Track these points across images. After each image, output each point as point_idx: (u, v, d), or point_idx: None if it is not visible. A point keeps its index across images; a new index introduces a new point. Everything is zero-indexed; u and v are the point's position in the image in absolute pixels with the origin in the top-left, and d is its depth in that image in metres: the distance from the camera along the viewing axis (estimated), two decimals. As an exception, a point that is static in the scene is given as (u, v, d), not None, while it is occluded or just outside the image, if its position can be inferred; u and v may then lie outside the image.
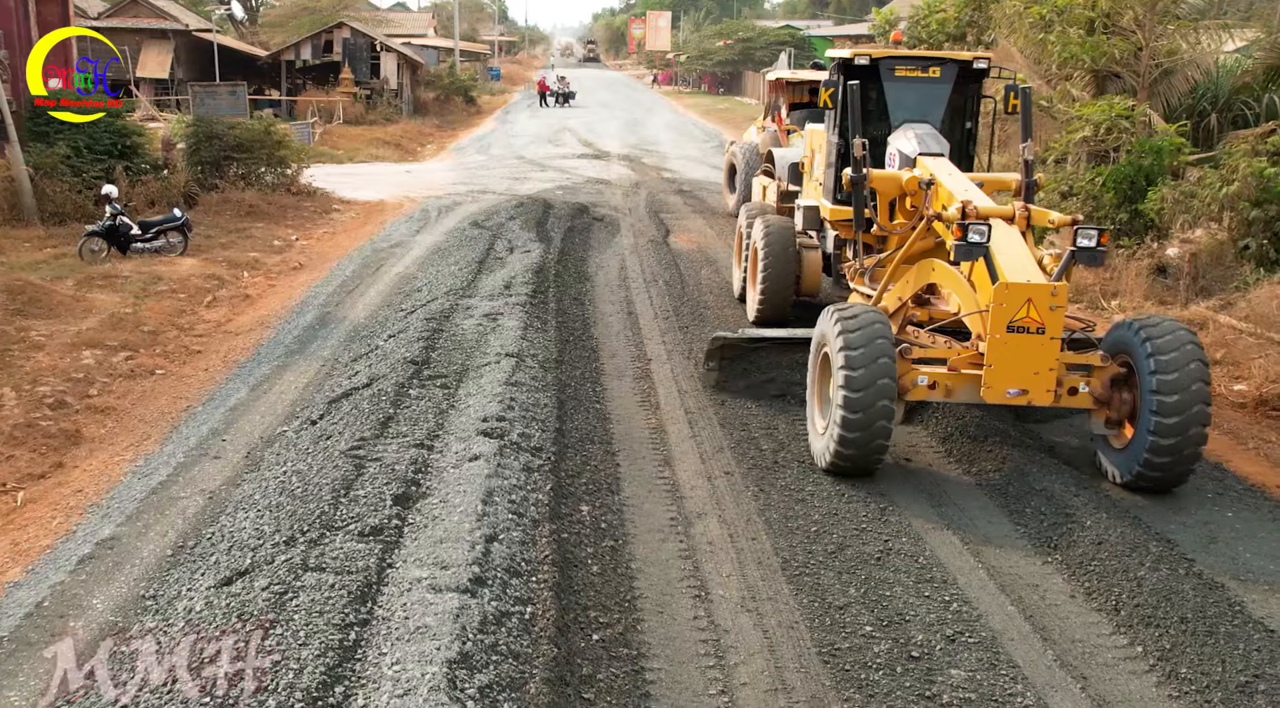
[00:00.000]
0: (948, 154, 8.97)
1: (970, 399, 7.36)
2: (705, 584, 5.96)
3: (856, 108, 9.03)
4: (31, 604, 5.75)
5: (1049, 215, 8.05)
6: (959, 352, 7.63)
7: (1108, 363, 7.38)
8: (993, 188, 8.74)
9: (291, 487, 6.38)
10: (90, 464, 8.45)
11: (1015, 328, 6.93)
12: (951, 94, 9.72)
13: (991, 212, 7.60)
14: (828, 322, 7.45)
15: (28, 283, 13.34)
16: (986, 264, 7.19)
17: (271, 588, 4.96)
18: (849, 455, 7.17)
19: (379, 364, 8.84)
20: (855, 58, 9.72)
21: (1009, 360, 6.98)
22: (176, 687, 4.35)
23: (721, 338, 9.22)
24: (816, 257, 11.05)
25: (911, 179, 8.60)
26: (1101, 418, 7.46)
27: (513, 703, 4.19)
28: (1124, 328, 7.36)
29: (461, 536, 5.42)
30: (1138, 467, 7.10)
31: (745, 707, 4.86)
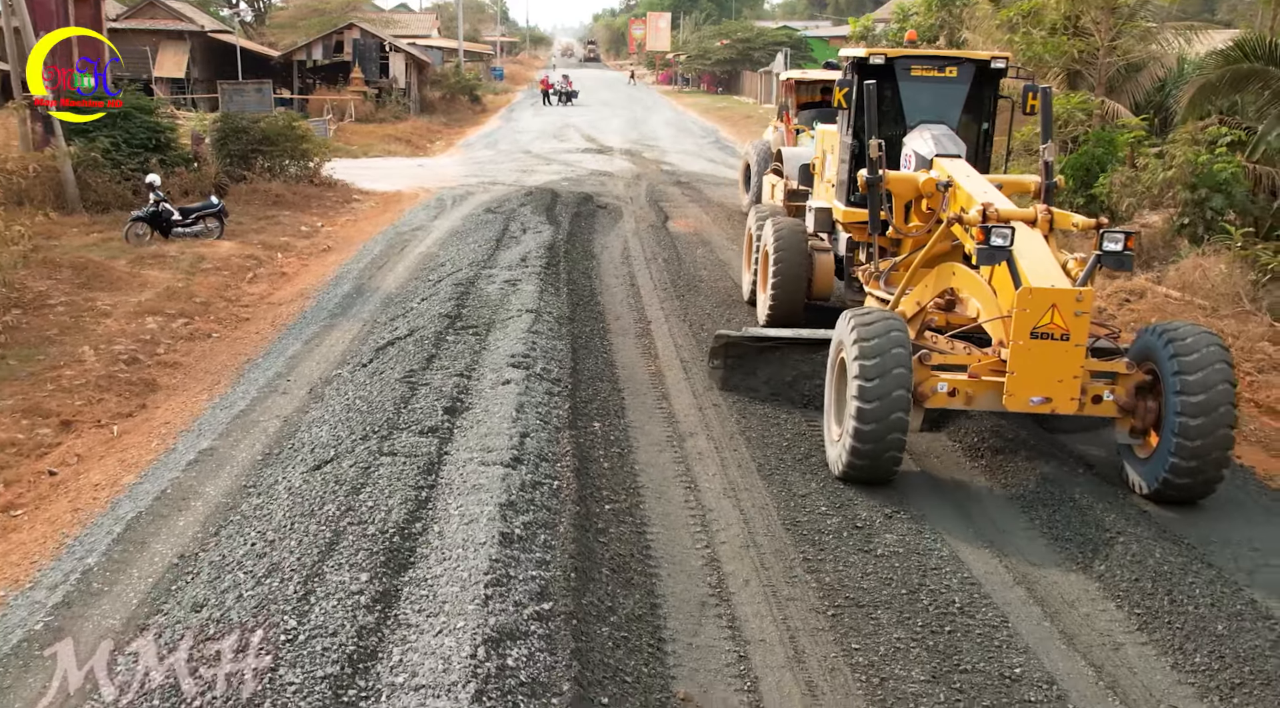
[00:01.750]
0: (964, 155, 8.80)
1: (992, 407, 7.18)
2: (695, 480, 7.40)
3: (872, 108, 8.90)
4: (156, 493, 7.19)
5: (1072, 218, 7.88)
6: (980, 358, 7.35)
7: (1133, 370, 7.17)
8: (1012, 190, 8.55)
9: (358, 406, 7.83)
10: (171, 404, 9.89)
11: (1039, 334, 6.73)
12: (968, 94, 9.55)
13: (1013, 215, 7.44)
14: (845, 327, 7.30)
15: (90, 260, 14.82)
16: (1009, 268, 7.05)
17: (356, 466, 6.41)
18: (862, 465, 7.08)
19: (417, 319, 10.29)
20: (870, 57, 9.56)
21: (1032, 367, 6.79)
22: (291, 531, 5.79)
23: (725, 336, 9.18)
24: (828, 259, 10.80)
25: (929, 181, 8.40)
26: (1127, 427, 7.24)
27: (547, 534, 5.63)
28: (1149, 334, 7.19)
29: (501, 432, 6.88)
30: (1164, 474, 6.88)
31: (723, 558, 6.29)
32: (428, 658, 4.26)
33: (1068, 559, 6.35)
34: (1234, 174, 12.68)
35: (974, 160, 9.13)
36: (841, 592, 5.88)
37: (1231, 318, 11.21)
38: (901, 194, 8.88)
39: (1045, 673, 5.10)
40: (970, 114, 9.63)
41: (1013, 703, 4.88)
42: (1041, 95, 8.98)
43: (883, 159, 8.67)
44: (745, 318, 11.82)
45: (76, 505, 7.53)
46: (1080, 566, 6.26)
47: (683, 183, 23.84)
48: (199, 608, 5.15)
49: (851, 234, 10.10)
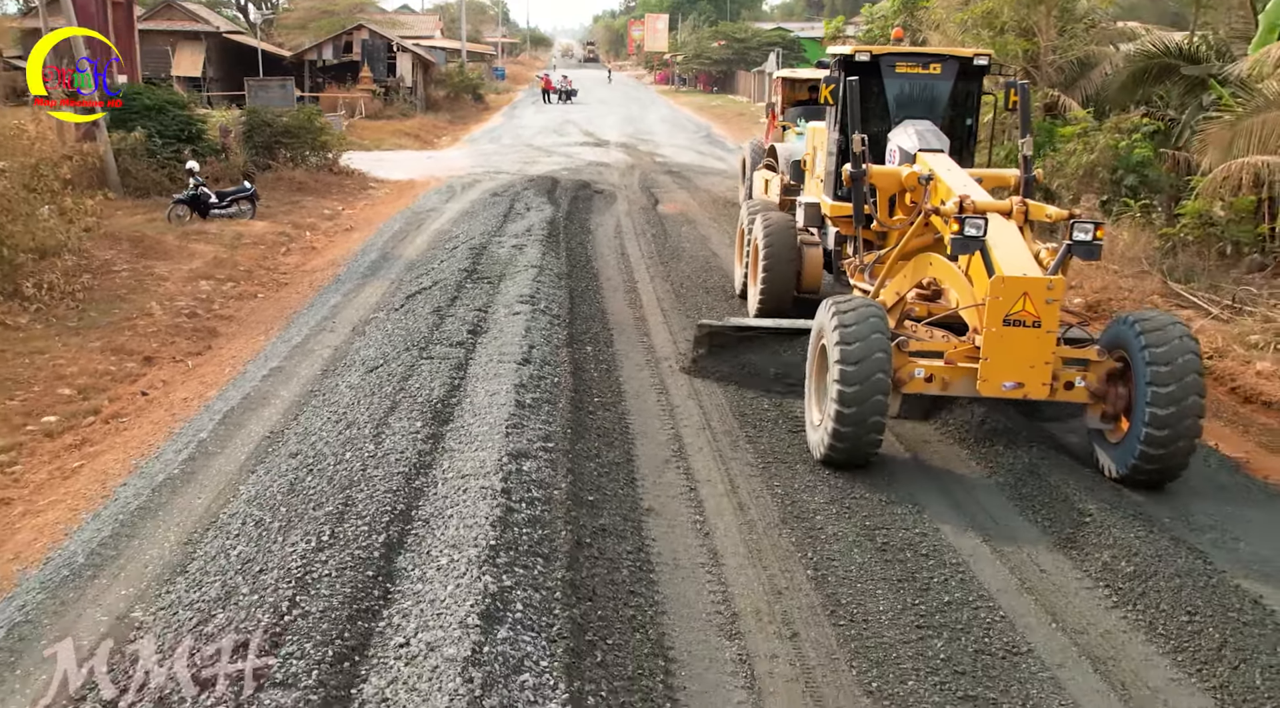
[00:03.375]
0: (948, 150, 8.99)
1: (966, 392, 7.42)
2: (666, 388, 9.31)
3: (856, 104, 9.11)
4: (240, 397, 9.11)
5: (1046, 210, 8.02)
6: (956, 345, 7.61)
7: (1104, 357, 7.40)
8: (992, 184, 8.72)
9: (397, 333, 9.78)
10: (233, 345, 11.82)
11: (1011, 321, 6.94)
12: (952, 90, 9.74)
13: (989, 206, 7.63)
14: (826, 316, 7.50)
15: (145, 234, 16.77)
16: (983, 258, 7.24)
17: (402, 366, 8.36)
18: (843, 448, 7.27)
19: (439, 274, 12.24)
20: (856, 54, 9.75)
21: (1005, 354, 7.01)
22: (358, 405, 7.72)
23: (707, 326, 9.54)
24: (817, 253, 11.00)
25: (911, 175, 8.60)
26: (1098, 412, 7.46)
27: (549, 407, 7.59)
28: (1120, 323, 7.41)
29: (513, 343, 8.84)
30: (1133, 460, 7.10)
31: (684, 434, 8.17)
32: (469, 462, 6.20)
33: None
34: (1146, 157, 14.61)
35: (957, 155, 9.31)
36: (772, 454, 7.81)
37: (1131, 277, 13.15)
38: (885, 188, 9.09)
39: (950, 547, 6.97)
40: (954, 110, 9.81)
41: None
42: (1020, 92, 9.20)
43: (866, 153, 8.87)
44: (722, 281, 13.69)
45: (172, 412, 9.46)
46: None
47: (674, 172, 25.78)
48: (294, 456, 7.08)
49: (839, 228, 10.20)
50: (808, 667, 5.10)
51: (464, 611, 4.51)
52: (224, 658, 4.28)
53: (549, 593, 5.00)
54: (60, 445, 9.00)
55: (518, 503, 5.77)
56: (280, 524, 5.76)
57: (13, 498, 7.93)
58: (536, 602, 4.85)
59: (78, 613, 5.49)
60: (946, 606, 5.64)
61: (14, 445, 8.94)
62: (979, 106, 10.03)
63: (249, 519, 6.03)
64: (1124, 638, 5.38)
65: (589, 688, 4.45)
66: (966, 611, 5.60)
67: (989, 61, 9.83)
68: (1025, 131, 9.20)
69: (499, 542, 5.23)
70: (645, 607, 5.45)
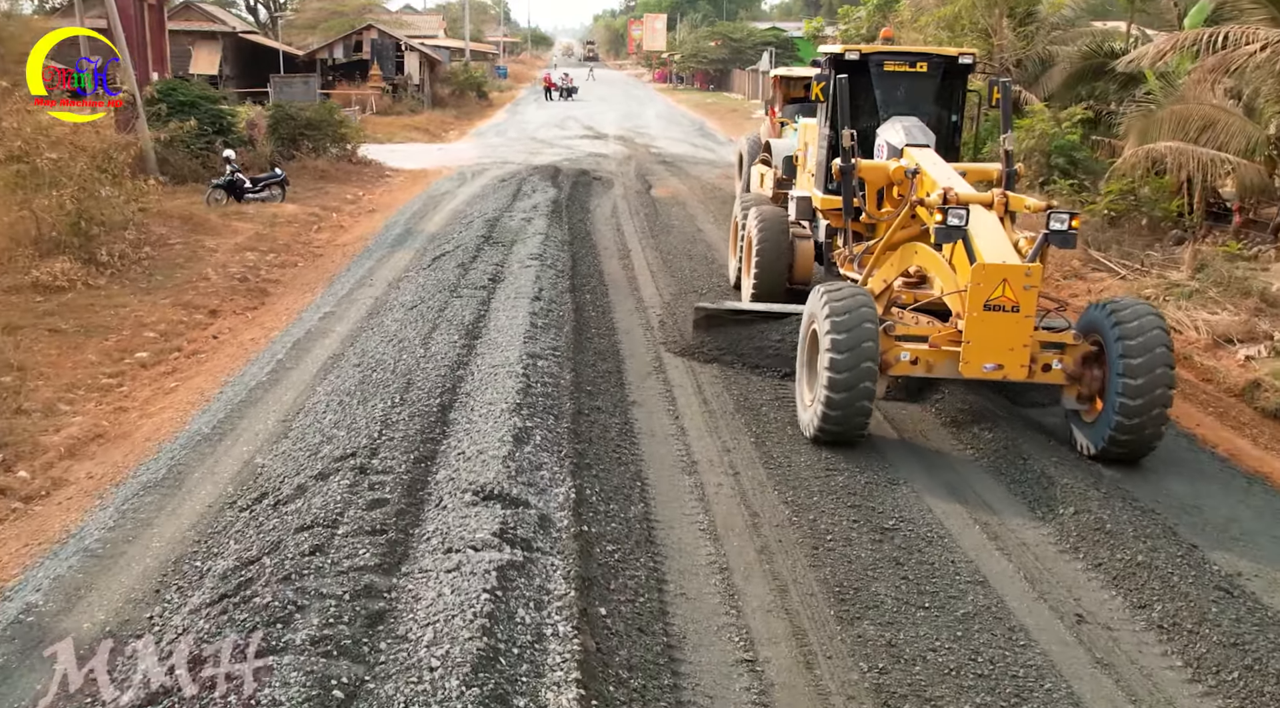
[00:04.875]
0: (934, 145, 9.26)
1: (949, 374, 7.72)
2: (651, 327, 11.34)
3: (846, 101, 9.47)
4: (301, 334, 11.14)
5: (1025, 201, 8.30)
6: (940, 329, 7.98)
7: (1080, 341, 7.73)
8: (976, 177, 9.04)
9: (430, 283, 11.84)
10: (285, 300, 13.85)
11: (992, 306, 7.23)
12: (938, 88, 10.04)
13: (971, 198, 7.89)
14: (817, 302, 7.80)
15: (192, 213, 18.82)
16: (965, 247, 7.55)
17: (438, 302, 10.43)
18: (833, 428, 7.63)
19: (459, 241, 14.31)
20: (845, 53, 10.08)
21: (986, 337, 7.33)
22: (405, 327, 9.77)
23: (704, 309, 10.14)
24: (809, 246, 11.27)
25: (898, 168, 8.91)
26: (1074, 394, 7.80)
27: (556, 329, 9.66)
28: (1095, 309, 7.75)
29: (525, 286, 10.93)
30: (1108, 436, 7.45)
31: (664, 358, 10.20)
32: (497, 358, 8.30)
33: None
34: (1074, 142, 16.65)
35: (943, 149, 9.58)
36: (733, 368, 9.83)
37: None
38: (874, 181, 9.43)
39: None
40: (939, 106, 10.11)
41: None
42: (1002, 89, 9.58)
43: (855, 148, 9.19)
44: (706, 251, 15.70)
45: (244, 348, 11.50)
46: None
47: (667, 162, 27.84)
48: (358, 365, 9.12)
49: (830, 221, 10.47)
50: (744, 491, 7.14)
51: (500, 435, 6.56)
52: (338, 460, 6.32)
53: (558, 434, 7.06)
54: (155, 373, 11.03)
55: (534, 384, 7.85)
56: (358, 399, 7.81)
57: (128, 408, 9.97)
58: (549, 437, 6.91)
59: (215, 460, 7.55)
60: (860, 467, 7.67)
61: (118, 372, 10.98)
62: (964, 103, 10.31)
63: (332, 400, 8.07)
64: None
65: (586, 485, 6.50)
66: (873, 458, 7.63)
67: (973, 60, 10.16)
68: (1007, 127, 9.58)
69: (522, 402, 7.29)
70: (627, 455, 7.51)
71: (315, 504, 5.79)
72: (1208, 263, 13.24)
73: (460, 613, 4.45)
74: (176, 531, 6.38)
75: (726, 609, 5.54)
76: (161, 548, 6.13)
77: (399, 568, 5.09)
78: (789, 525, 6.57)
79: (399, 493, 5.89)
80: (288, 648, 4.29)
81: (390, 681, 4.10)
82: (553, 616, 4.77)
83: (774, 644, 5.24)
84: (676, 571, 5.93)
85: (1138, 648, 5.27)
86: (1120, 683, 4.94)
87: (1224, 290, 12.35)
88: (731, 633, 5.32)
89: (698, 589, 5.75)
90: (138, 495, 7.00)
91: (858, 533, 6.44)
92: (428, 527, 5.52)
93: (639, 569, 5.80)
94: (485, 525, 5.36)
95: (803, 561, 6.11)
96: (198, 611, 4.99)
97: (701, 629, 5.34)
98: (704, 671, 4.99)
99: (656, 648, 5.08)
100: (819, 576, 5.93)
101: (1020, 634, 5.32)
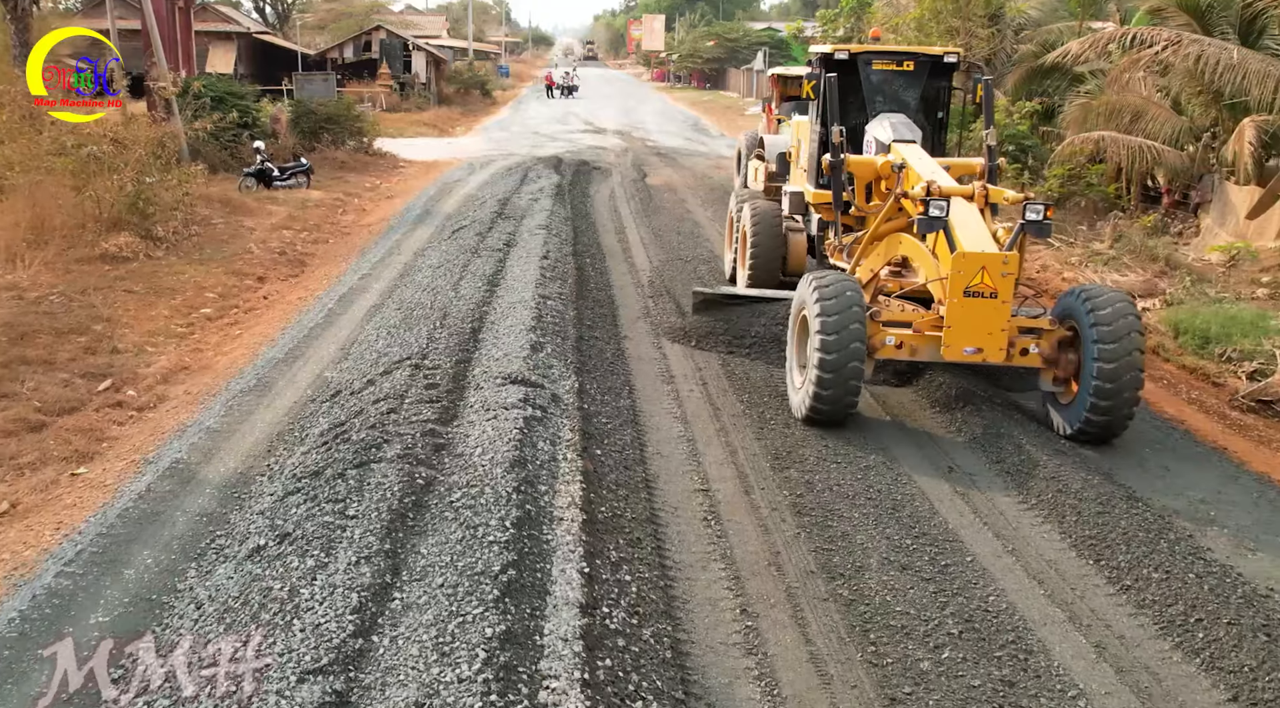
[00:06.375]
0: (920, 141, 9.53)
1: (932, 358, 8.08)
2: (641, 285, 13.33)
3: (835, 98, 9.84)
4: (346, 289, 13.13)
5: (1004, 193, 8.65)
6: (923, 315, 8.33)
7: (1056, 327, 8.04)
8: (959, 172, 9.24)
9: (452, 249, 13.85)
10: (323, 268, 15.84)
11: (971, 293, 7.54)
12: (924, 86, 10.40)
13: (953, 190, 8.24)
14: (807, 290, 8.11)
15: (231, 197, 20.81)
16: (947, 237, 7.88)
17: (459, 261, 12.43)
18: (823, 409, 7.98)
19: (475, 217, 16.34)
20: (835, 52, 10.45)
21: (966, 322, 7.65)
22: (436, 277, 11.77)
23: (701, 293, 10.76)
24: (801, 239, 11.64)
25: (885, 163, 9.24)
26: (1050, 377, 8.11)
27: (561, 281, 11.66)
28: (1070, 296, 8.05)
29: (536, 249, 12.99)
30: (1083, 417, 7.77)
31: (650, 306, 12.18)
32: (514, 297, 10.32)
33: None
34: (1023, 132, 18.62)
35: (929, 144, 9.94)
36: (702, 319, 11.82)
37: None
38: (862, 176, 9.81)
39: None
40: (925, 103, 10.49)
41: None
42: (985, 87, 9.93)
43: (844, 144, 9.53)
44: (693, 228, 17.68)
45: (293, 305, 13.47)
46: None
47: (662, 154, 29.84)
48: (399, 308, 11.09)
49: (821, 214, 10.76)
50: (710, 394, 9.12)
51: (520, 344, 8.60)
52: (396, 363, 8.33)
53: (565, 348, 9.09)
54: (220, 324, 13.01)
55: (545, 315, 9.87)
56: (404, 328, 9.82)
57: (203, 349, 11.94)
58: (558, 349, 8.94)
59: (293, 374, 9.54)
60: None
61: (189, 324, 12.97)
62: (949, 100, 10.71)
63: (381, 331, 10.07)
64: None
65: (587, 383, 8.52)
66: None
67: (958, 59, 10.56)
68: (989, 123, 9.89)
69: (536, 325, 9.32)
70: (619, 368, 9.52)
71: (384, 388, 7.79)
72: (1124, 235, 15.22)
73: (499, 438, 6.46)
74: (274, 417, 8.37)
75: (689, 461, 7.54)
76: (266, 426, 8.12)
77: (453, 422, 7.09)
78: (742, 416, 8.55)
79: (447, 380, 7.89)
80: (382, 460, 6.29)
81: (455, 474, 6.10)
82: (563, 449, 6.78)
83: (723, 482, 7.23)
84: (654, 440, 7.93)
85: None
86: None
87: (1135, 257, 14.33)
88: (692, 475, 7.32)
89: (669, 451, 7.75)
90: (236, 398, 8.99)
91: (795, 421, 8.41)
92: (470, 399, 7.53)
93: (625, 436, 7.80)
94: (513, 396, 7.37)
95: (750, 435, 8.10)
96: (308, 452, 6.98)
97: (670, 472, 7.34)
98: (670, 494, 6.98)
99: (636, 481, 7.07)
100: (761, 445, 7.91)
101: (908, 480, 7.30)
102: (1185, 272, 13.52)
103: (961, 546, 6.36)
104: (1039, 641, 5.34)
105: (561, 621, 4.65)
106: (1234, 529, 6.69)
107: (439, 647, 4.23)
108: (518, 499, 5.71)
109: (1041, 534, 6.61)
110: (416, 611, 4.61)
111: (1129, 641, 5.39)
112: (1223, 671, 5.05)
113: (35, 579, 5.87)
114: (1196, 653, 5.21)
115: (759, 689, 4.86)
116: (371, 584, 4.79)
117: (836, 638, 5.32)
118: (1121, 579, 5.96)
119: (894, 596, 5.72)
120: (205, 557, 5.86)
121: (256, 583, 5.03)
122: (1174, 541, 6.24)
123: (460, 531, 5.31)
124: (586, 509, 5.97)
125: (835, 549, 6.24)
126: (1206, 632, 5.30)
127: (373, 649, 4.36)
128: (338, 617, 4.50)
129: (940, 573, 6.00)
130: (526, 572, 5.00)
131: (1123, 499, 6.85)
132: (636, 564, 5.73)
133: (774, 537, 6.40)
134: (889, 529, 6.52)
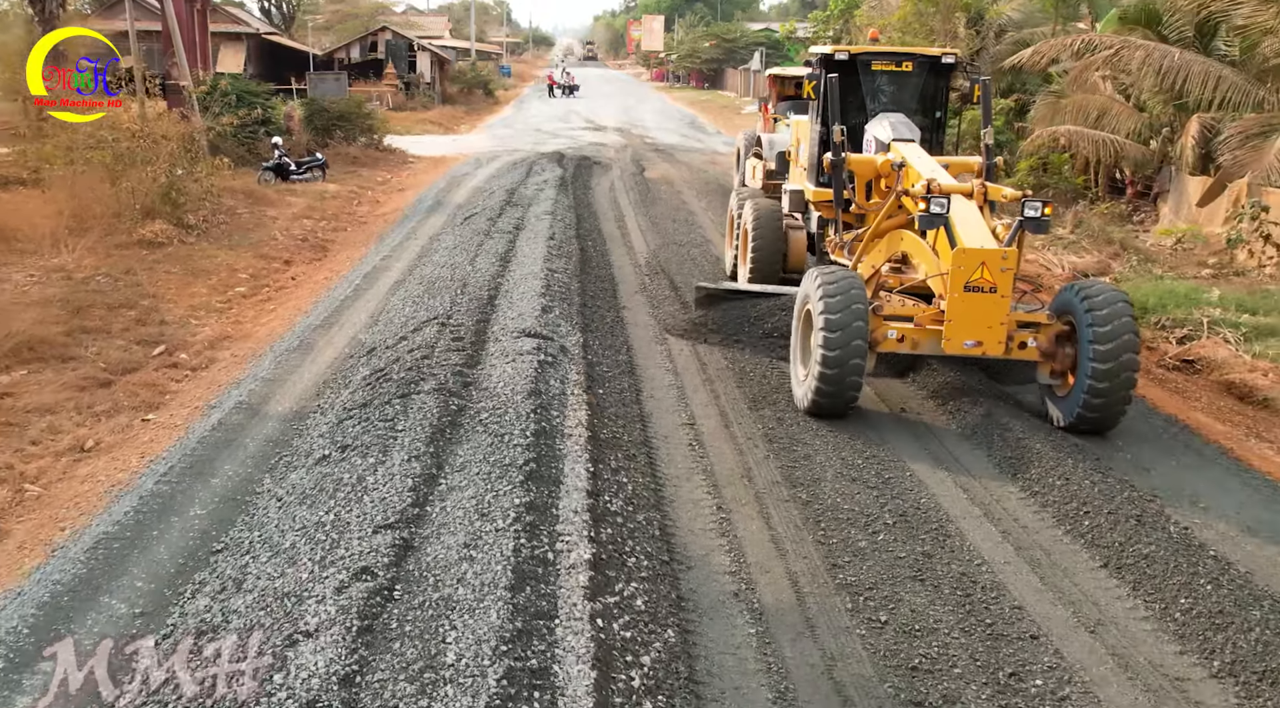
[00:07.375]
0: (919, 140, 9.67)
1: (933, 351, 8.22)
2: (639, 265, 14.60)
3: (836, 98, 9.97)
4: (369, 268, 14.40)
5: (1002, 191, 8.78)
6: (924, 310, 8.47)
7: (1053, 321, 8.22)
8: (958, 170, 9.33)
9: (465, 232, 15.14)
10: (344, 253, 17.13)
11: (971, 287, 7.67)
12: (923, 85, 10.57)
13: (952, 188, 8.36)
14: (811, 285, 8.26)
15: (253, 189, 22.11)
16: (947, 233, 8.01)
17: (473, 241, 13.71)
18: (826, 402, 8.18)
19: (485, 205, 17.66)
20: (835, 53, 10.57)
21: (966, 316, 7.79)
22: (455, 253, 13.05)
23: (704, 289, 11.01)
24: (802, 236, 11.77)
25: (885, 162, 9.39)
26: (1047, 370, 8.31)
27: (565, 258, 12.95)
28: (1068, 291, 8.24)
29: (541, 232, 14.26)
30: (1078, 411, 7.97)
31: (647, 282, 13.45)
32: (525, 270, 11.63)
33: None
34: (997, 126, 19.86)
35: (928, 143, 10.10)
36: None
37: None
38: (863, 174, 9.95)
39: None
40: (924, 103, 10.67)
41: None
42: (983, 87, 10.03)
43: (845, 143, 9.66)
44: (687, 217, 18.95)
45: (320, 284, 14.75)
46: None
47: (660, 150, 31.14)
48: (421, 282, 12.36)
49: (821, 212, 10.89)
50: (699, 353, 10.38)
51: (532, 306, 9.91)
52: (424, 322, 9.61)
53: (571, 312, 10.41)
54: (254, 301, 14.28)
55: (553, 285, 11.20)
56: (427, 296, 11.11)
57: (242, 321, 13.20)
58: (565, 312, 10.25)
59: (330, 337, 10.82)
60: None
61: (227, 300, 14.24)
62: (947, 100, 10.93)
63: (407, 301, 11.36)
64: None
65: (590, 340, 9.81)
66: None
67: (955, 60, 10.70)
68: (986, 122, 9.99)
69: (545, 291, 10.64)
70: (619, 330, 10.83)
71: (416, 341, 9.09)
72: (1084, 221, 16.50)
73: (517, 376, 7.79)
74: (318, 370, 9.65)
75: (678, 403, 8.83)
76: (313, 377, 9.41)
77: (477, 366, 8.39)
78: (727, 370, 9.83)
79: (470, 335, 9.20)
80: (421, 392, 7.58)
81: (482, 402, 7.40)
82: (571, 387, 8.08)
83: (707, 418, 8.51)
84: (649, 387, 9.22)
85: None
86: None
87: (1093, 241, 15.61)
88: (679, 412, 8.60)
89: (662, 395, 9.04)
90: (282, 356, 10.26)
91: (772, 371, 9.68)
92: (491, 349, 8.84)
93: (623, 382, 9.10)
94: (527, 345, 8.68)
95: (732, 384, 9.39)
96: (354, 392, 8.26)
97: (661, 410, 8.63)
98: (661, 426, 8.27)
99: (633, 415, 8.35)
100: (743, 392, 9.19)
101: (864, 416, 8.57)
102: (1134, 253, 14.80)
103: (903, 463, 7.64)
104: (958, 529, 6.63)
105: (572, 500, 5.94)
106: (1132, 450, 8.02)
107: (479, 510, 5.51)
108: (535, 418, 7.00)
109: (973, 457, 7.88)
110: (459, 491, 5.89)
111: (1030, 529, 6.69)
112: (1099, 546, 6.34)
113: (136, 489, 7.13)
114: (1081, 535, 6.50)
115: (729, 558, 6.13)
116: (423, 473, 6.08)
117: (793, 526, 6.59)
118: (1032, 487, 7.23)
119: (843, 498, 7.00)
120: (277, 469, 7.14)
121: (328, 478, 6.31)
122: (1080, 458, 7.51)
123: (489, 438, 6.60)
124: (591, 429, 7.25)
125: (798, 466, 7.51)
126: (1090, 520, 6.58)
127: (427, 516, 5.64)
128: (398, 494, 5.78)
129: (883, 483, 7.28)
130: (544, 466, 6.29)
131: (1041, 427, 8.14)
132: (633, 472, 7.02)
133: (747, 458, 7.68)
134: (844, 452, 7.80)
